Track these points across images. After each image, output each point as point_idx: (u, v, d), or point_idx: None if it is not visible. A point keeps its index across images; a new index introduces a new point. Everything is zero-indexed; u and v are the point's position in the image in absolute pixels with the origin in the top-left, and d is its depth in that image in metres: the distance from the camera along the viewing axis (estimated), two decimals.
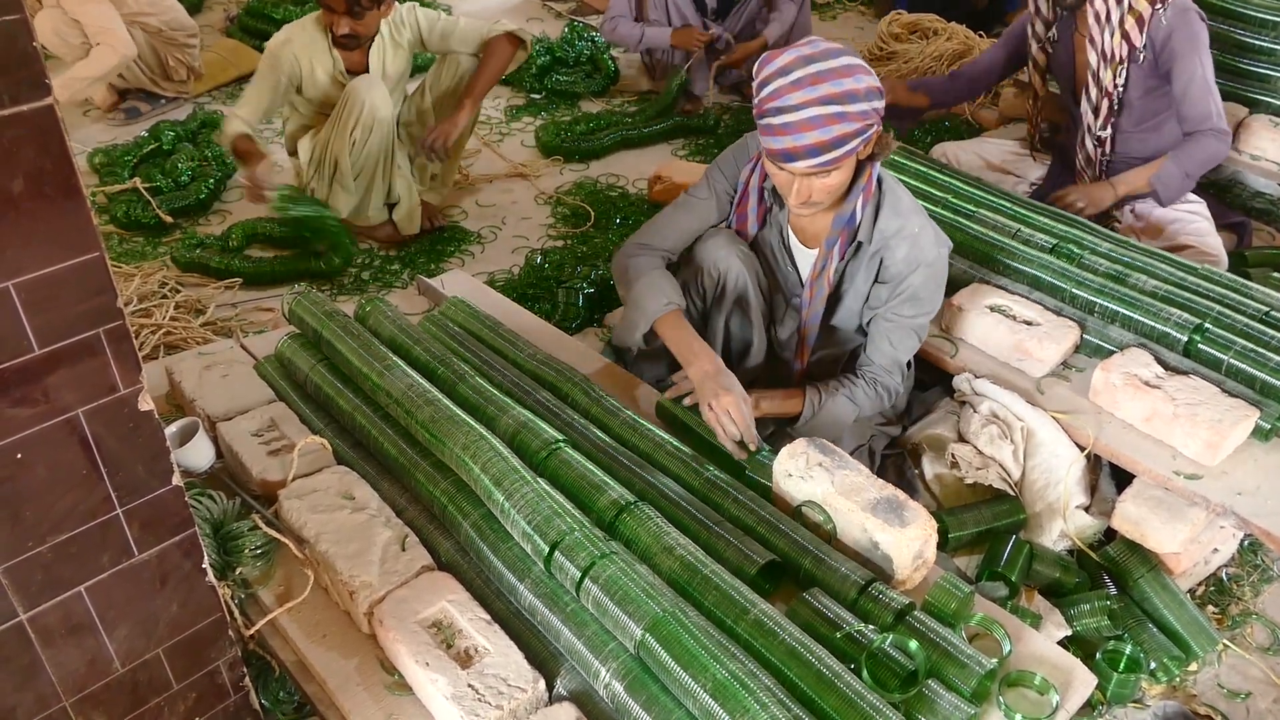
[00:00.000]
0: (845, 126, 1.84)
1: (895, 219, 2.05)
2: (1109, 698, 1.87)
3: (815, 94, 1.82)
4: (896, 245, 2.06)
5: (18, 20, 0.97)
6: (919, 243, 2.06)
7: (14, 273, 1.06)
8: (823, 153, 1.85)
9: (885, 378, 2.16)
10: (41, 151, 1.03)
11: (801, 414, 2.14)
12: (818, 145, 1.84)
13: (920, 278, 2.07)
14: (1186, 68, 2.77)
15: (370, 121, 3.10)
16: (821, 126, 1.82)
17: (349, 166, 3.18)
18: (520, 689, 1.54)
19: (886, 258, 2.08)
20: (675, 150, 4.14)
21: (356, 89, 3.08)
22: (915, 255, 2.06)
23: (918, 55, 4.50)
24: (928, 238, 2.07)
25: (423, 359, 2.14)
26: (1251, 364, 2.14)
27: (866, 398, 2.16)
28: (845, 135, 1.85)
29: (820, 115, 1.82)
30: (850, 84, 1.83)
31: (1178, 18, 2.74)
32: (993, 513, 2.14)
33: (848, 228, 2.06)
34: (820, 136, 1.83)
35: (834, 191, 1.97)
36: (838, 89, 1.82)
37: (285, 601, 1.78)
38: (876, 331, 2.16)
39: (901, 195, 2.09)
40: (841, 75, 1.83)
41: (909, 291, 2.09)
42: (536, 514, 1.66)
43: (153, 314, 2.92)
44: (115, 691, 1.38)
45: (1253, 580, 2.17)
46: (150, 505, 1.28)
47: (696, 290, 2.22)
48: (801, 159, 1.86)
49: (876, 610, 1.60)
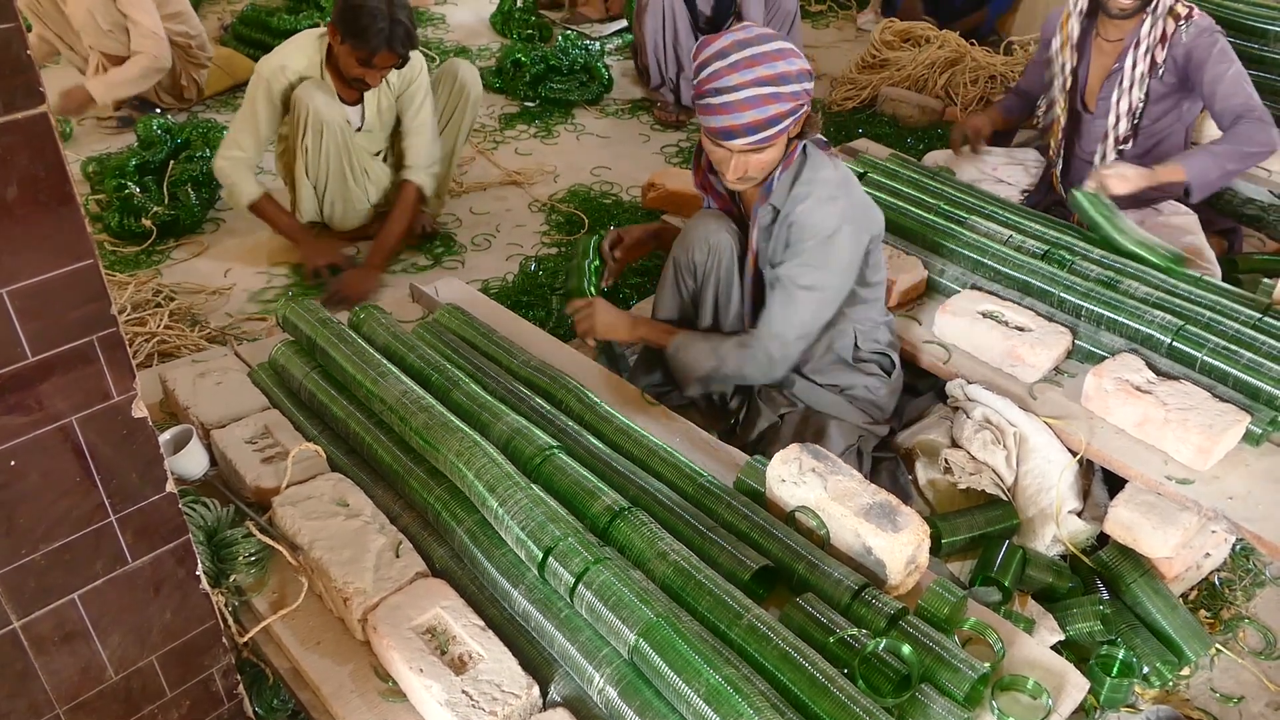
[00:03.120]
0: (780, 106, 1.95)
1: (807, 185, 2.10)
2: (1102, 702, 1.87)
3: (751, 75, 1.94)
4: (800, 209, 2.09)
5: (12, 28, 0.97)
6: (824, 207, 2.08)
7: (8, 279, 1.06)
8: (759, 130, 1.96)
9: (768, 343, 2.15)
10: (35, 159, 1.03)
11: (668, 346, 2.26)
12: (754, 124, 1.95)
13: (815, 241, 2.09)
14: (1214, 71, 2.75)
15: (319, 125, 3.01)
16: (758, 106, 1.94)
17: (307, 175, 3.13)
18: (514, 695, 1.54)
19: (793, 220, 2.11)
20: (670, 158, 4.16)
21: (299, 97, 2.99)
22: (816, 220, 2.08)
23: (910, 62, 4.52)
24: (835, 208, 2.08)
25: (417, 366, 2.15)
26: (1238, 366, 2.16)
27: (735, 354, 2.17)
28: (779, 114, 1.96)
29: (756, 95, 1.94)
30: (783, 66, 1.95)
31: (1198, 35, 2.75)
32: (986, 518, 2.15)
33: (765, 194, 2.12)
34: (756, 115, 1.94)
35: (767, 167, 2.07)
36: (772, 71, 1.94)
37: (279, 609, 1.78)
38: (768, 295, 2.18)
39: (821, 166, 2.11)
40: (774, 59, 1.95)
41: (803, 255, 2.10)
42: (530, 520, 1.66)
43: (146, 322, 2.92)
44: (109, 699, 1.38)
45: (1245, 585, 2.18)
46: (144, 512, 1.28)
47: (688, 267, 2.29)
48: (739, 136, 1.97)
49: (870, 615, 1.61)
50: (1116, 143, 2.96)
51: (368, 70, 2.95)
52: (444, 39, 5.50)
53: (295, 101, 3.01)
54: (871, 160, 3.12)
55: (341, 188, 3.20)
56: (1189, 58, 2.77)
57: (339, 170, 3.15)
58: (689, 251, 2.27)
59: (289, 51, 3.07)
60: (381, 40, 2.86)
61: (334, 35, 2.96)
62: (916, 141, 4.18)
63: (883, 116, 4.46)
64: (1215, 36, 2.77)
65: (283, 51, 3.07)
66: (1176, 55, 2.77)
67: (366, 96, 3.16)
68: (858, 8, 5.96)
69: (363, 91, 3.12)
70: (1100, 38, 2.94)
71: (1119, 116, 2.92)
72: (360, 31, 2.85)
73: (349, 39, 2.89)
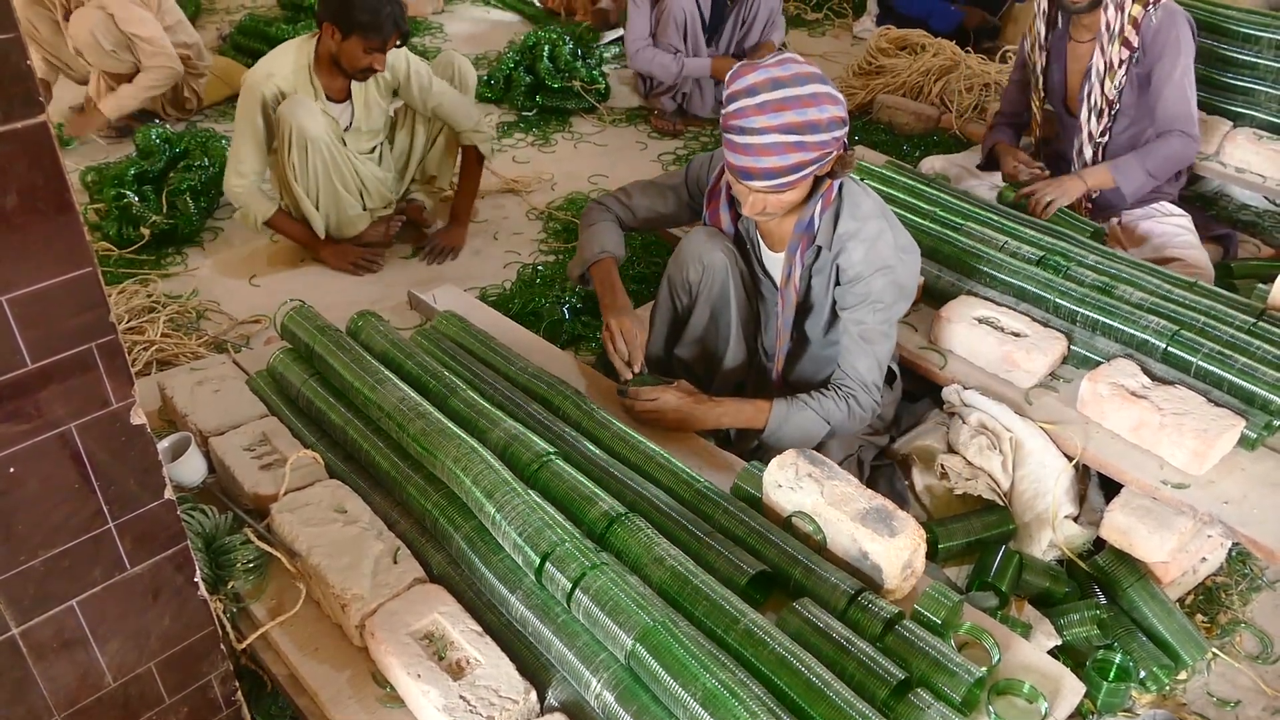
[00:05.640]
0: (803, 155, 1.88)
1: (852, 222, 2.07)
2: (1099, 707, 1.88)
3: (777, 121, 1.85)
4: (853, 247, 2.07)
5: (12, 39, 0.98)
6: (876, 246, 2.06)
7: (7, 287, 1.07)
8: (778, 176, 1.91)
9: (861, 394, 2.12)
10: (34, 168, 1.04)
11: (766, 426, 2.13)
12: (774, 170, 1.89)
13: (880, 282, 2.07)
14: (1165, 68, 2.82)
15: (303, 142, 3.05)
16: (780, 154, 1.87)
17: (301, 190, 3.17)
18: (512, 700, 1.54)
19: (843, 261, 2.09)
20: (667, 166, 4.17)
21: (282, 115, 3.03)
22: (872, 258, 2.06)
23: (905, 70, 4.54)
24: (886, 241, 2.08)
25: (414, 373, 2.15)
26: (1233, 371, 2.17)
27: (839, 411, 2.12)
28: (802, 163, 1.90)
29: (780, 143, 1.86)
30: (814, 114, 1.86)
31: (1166, 19, 2.79)
32: (982, 523, 2.15)
33: (806, 233, 2.08)
34: (778, 162, 1.88)
35: (788, 205, 2.02)
36: (800, 118, 1.86)
37: (277, 615, 1.78)
38: (844, 343, 2.15)
39: (862, 200, 2.09)
40: (806, 104, 1.86)
41: (869, 297, 2.08)
42: (528, 525, 1.67)
43: (145, 330, 2.92)
44: (107, 706, 1.38)
45: (1241, 589, 2.18)
46: (142, 519, 1.29)
47: (681, 285, 2.26)
48: (757, 179, 1.92)
49: (866, 620, 1.61)
50: (1091, 137, 2.99)
51: (376, 56, 3.02)
52: (442, 48, 5.52)
53: (279, 120, 3.05)
54: (867, 167, 3.13)
55: (334, 200, 3.24)
56: (1154, 41, 2.81)
57: (329, 184, 3.19)
58: (683, 270, 2.24)
59: (274, 61, 3.11)
60: (390, 24, 2.95)
61: (332, 34, 2.99)
62: (912, 148, 4.19)
63: (879, 124, 4.48)
64: (1178, 25, 2.80)
65: (268, 62, 3.11)
66: (1145, 37, 2.81)
67: (354, 91, 3.19)
68: (854, 15, 5.98)
69: (364, 81, 3.16)
70: (1074, 40, 2.99)
71: (1090, 111, 2.95)
72: (367, 23, 2.92)
73: (356, 32, 2.95)
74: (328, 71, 3.11)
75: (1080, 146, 3.04)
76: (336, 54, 3.03)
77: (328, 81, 3.14)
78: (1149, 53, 2.82)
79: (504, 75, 4.69)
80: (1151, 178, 2.89)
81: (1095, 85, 2.91)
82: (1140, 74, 2.87)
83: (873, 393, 2.14)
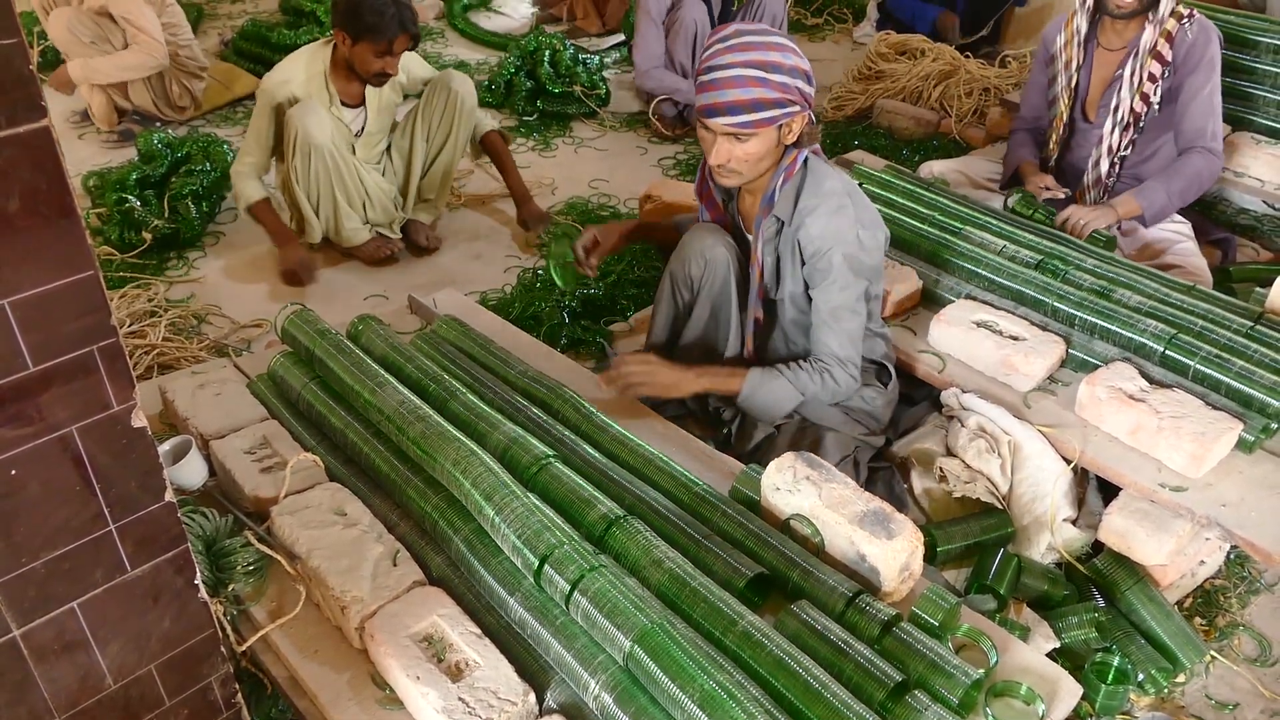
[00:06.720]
0: (764, 92, 1.96)
1: (813, 199, 2.10)
2: (1097, 709, 1.88)
3: (742, 57, 1.97)
4: (810, 223, 2.09)
5: (14, 44, 0.99)
6: (834, 220, 2.09)
7: (9, 291, 1.07)
8: (740, 112, 1.97)
9: (836, 369, 2.17)
10: (37, 172, 1.05)
11: (741, 391, 2.19)
12: (737, 103, 1.97)
13: (838, 256, 2.10)
14: (1196, 84, 2.80)
15: (307, 148, 3.08)
16: (742, 86, 1.96)
17: (302, 194, 3.20)
18: (511, 702, 1.54)
19: (802, 236, 2.12)
20: (667, 171, 4.18)
21: (291, 118, 3.07)
22: (829, 233, 2.09)
23: (905, 75, 4.55)
24: (847, 218, 2.10)
25: (414, 376, 2.16)
26: (1230, 374, 2.18)
27: (812, 384, 2.17)
28: (763, 100, 1.96)
29: (742, 75, 1.96)
30: (776, 56, 1.97)
31: (1201, 35, 2.78)
32: (981, 526, 2.16)
33: (768, 206, 2.12)
34: (739, 95, 1.96)
35: (750, 161, 2.06)
36: (763, 57, 1.97)
37: (277, 617, 1.79)
38: (814, 321, 2.19)
39: (825, 177, 2.12)
40: (770, 48, 1.98)
41: (830, 272, 2.11)
42: (526, 528, 1.67)
43: (146, 334, 2.93)
44: (107, 708, 1.39)
45: (1239, 592, 2.19)
46: (143, 522, 1.29)
47: (683, 280, 2.29)
48: (721, 115, 1.98)
49: (863, 622, 1.62)
50: (1111, 151, 2.96)
51: (388, 60, 3.05)
52: (442, 53, 5.53)
53: (287, 122, 3.09)
54: (867, 171, 3.14)
55: (333, 208, 3.26)
56: (1186, 55, 2.79)
57: (329, 192, 3.22)
58: (685, 265, 2.28)
59: (290, 67, 3.17)
60: (395, 26, 2.98)
61: (343, 40, 3.04)
62: (912, 153, 4.20)
63: (878, 128, 4.49)
64: (1212, 41, 2.79)
65: (284, 68, 3.17)
66: (1178, 51, 2.79)
67: (369, 95, 3.23)
68: (854, 20, 5.99)
69: (381, 85, 3.20)
70: (1102, 47, 2.95)
71: (1115, 124, 2.92)
72: (373, 26, 2.96)
73: (364, 37, 2.99)
74: (343, 77, 3.16)
75: (1098, 158, 2.99)
76: (350, 59, 3.08)
77: (343, 86, 3.18)
78: (1181, 67, 2.80)
79: (505, 80, 4.71)
80: (1173, 199, 2.86)
81: (1125, 98, 2.88)
82: (1168, 88, 2.86)
83: (849, 368, 2.18)
